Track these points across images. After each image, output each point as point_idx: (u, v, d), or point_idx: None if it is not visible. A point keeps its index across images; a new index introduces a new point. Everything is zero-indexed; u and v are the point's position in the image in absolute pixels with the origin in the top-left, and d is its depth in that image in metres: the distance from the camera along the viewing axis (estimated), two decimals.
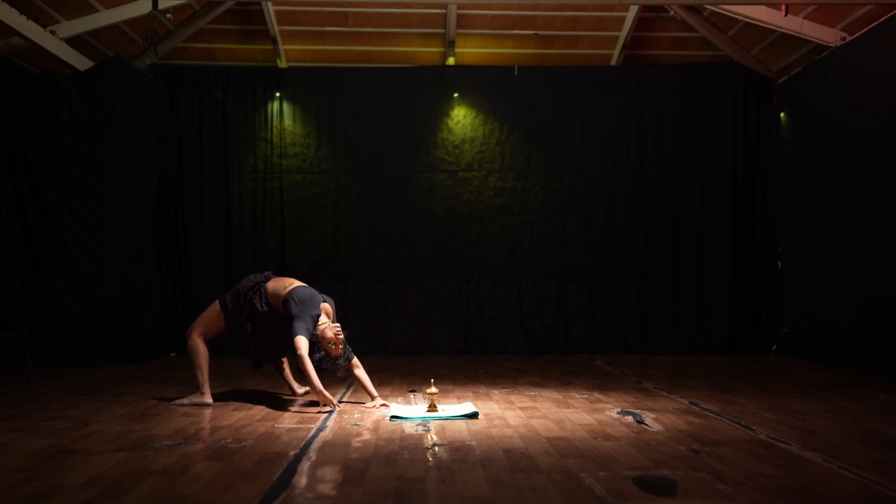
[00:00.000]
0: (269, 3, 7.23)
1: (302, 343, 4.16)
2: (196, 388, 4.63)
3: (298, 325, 4.21)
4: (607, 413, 4.25)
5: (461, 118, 8.13)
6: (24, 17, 6.20)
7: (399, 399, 4.80)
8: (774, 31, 7.16)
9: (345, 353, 4.40)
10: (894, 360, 5.68)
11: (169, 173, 7.94)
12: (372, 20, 7.63)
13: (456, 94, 8.13)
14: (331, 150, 8.10)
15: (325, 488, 2.70)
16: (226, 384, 5.46)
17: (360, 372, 4.61)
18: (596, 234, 8.06)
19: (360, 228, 8.04)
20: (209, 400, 4.57)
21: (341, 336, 4.32)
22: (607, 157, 8.12)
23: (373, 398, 4.52)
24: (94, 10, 6.72)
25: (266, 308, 4.49)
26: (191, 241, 7.92)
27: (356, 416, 4.19)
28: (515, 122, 8.12)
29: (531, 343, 7.93)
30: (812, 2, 6.23)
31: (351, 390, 5.22)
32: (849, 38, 6.66)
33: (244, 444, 3.45)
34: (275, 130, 8.08)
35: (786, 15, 6.56)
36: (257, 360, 4.86)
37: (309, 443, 3.46)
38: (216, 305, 4.69)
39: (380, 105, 8.12)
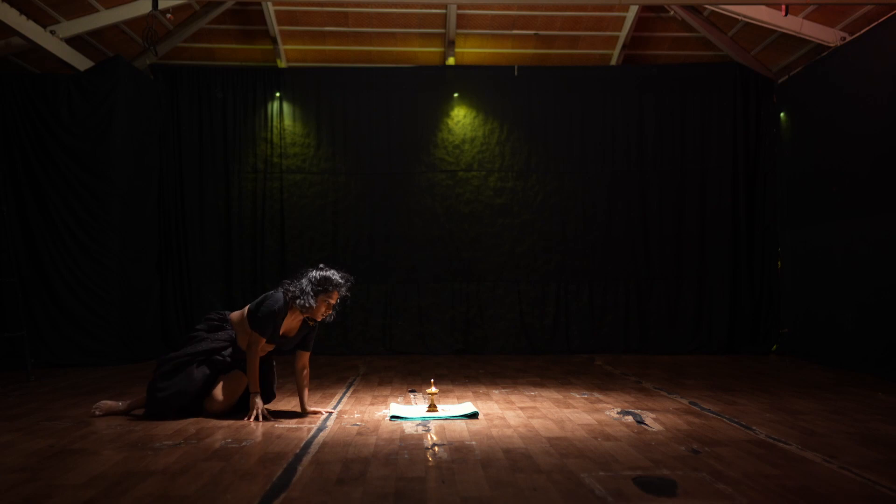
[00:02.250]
0: (269, 3, 7.23)
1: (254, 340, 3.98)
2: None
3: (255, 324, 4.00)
4: (607, 413, 4.25)
5: (461, 118, 8.13)
6: (24, 17, 6.20)
7: (399, 399, 4.80)
8: (774, 31, 7.16)
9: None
10: (894, 360, 5.68)
11: (169, 173, 7.94)
12: (372, 20, 7.63)
13: (456, 94, 8.14)
14: (331, 150, 8.10)
15: (325, 488, 2.70)
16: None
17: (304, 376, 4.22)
18: (596, 234, 8.06)
19: (360, 228, 8.04)
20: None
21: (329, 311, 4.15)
22: (607, 157, 8.13)
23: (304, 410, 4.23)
24: (94, 10, 6.72)
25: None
26: (191, 241, 7.92)
27: (356, 416, 4.19)
28: (515, 122, 8.12)
29: (531, 343, 7.93)
30: (812, 2, 6.23)
31: (351, 390, 5.22)
32: (849, 38, 6.66)
33: (244, 444, 3.45)
34: (275, 130, 8.08)
35: (786, 15, 6.57)
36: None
37: (309, 443, 3.46)
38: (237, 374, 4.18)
39: (380, 105, 8.13)
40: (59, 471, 2.94)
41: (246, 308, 4.22)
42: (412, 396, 4.93)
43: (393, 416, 4.09)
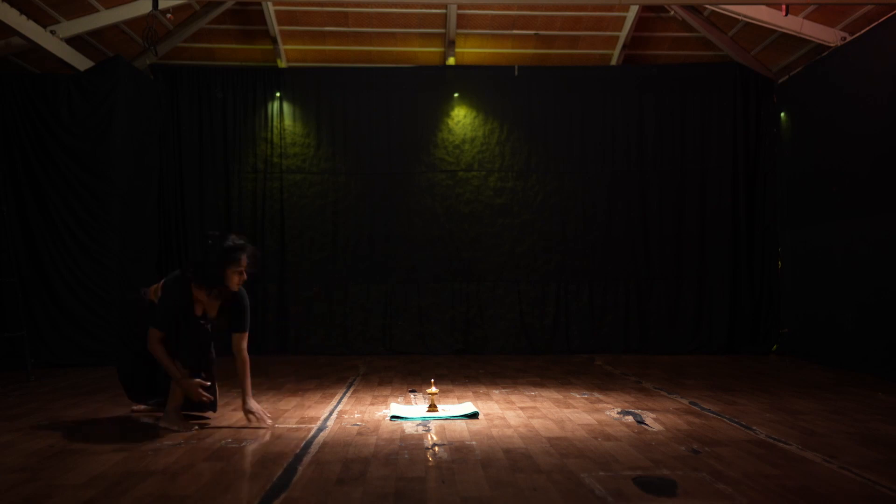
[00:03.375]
0: (269, 3, 7.23)
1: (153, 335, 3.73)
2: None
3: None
4: (607, 413, 4.25)
5: (461, 118, 8.13)
6: (24, 17, 6.20)
7: (399, 399, 4.80)
8: (774, 31, 7.16)
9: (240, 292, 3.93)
10: (894, 360, 5.68)
11: (169, 173, 7.94)
12: (372, 20, 7.63)
13: (456, 94, 8.13)
14: (331, 150, 8.10)
15: (325, 488, 2.70)
16: (225, 384, 5.45)
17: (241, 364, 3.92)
18: (596, 234, 8.05)
19: (360, 228, 8.04)
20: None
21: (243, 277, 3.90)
22: (607, 156, 8.12)
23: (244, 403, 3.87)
24: (94, 10, 6.72)
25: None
26: (191, 241, 7.92)
27: (356, 416, 4.20)
28: (515, 122, 8.12)
29: (531, 343, 7.93)
30: (812, 2, 6.23)
31: (351, 390, 5.22)
32: (849, 38, 6.66)
33: (244, 444, 3.45)
34: (275, 130, 8.08)
35: (786, 15, 6.56)
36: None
37: (309, 443, 3.46)
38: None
39: (380, 105, 8.12)
40: (59, 471, 2.94)
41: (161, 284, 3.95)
42: (412, 396, 4.93)
43: (393, 416, 4.09)
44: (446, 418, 4.04)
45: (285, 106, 8.09)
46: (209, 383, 3.85)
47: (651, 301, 8.01)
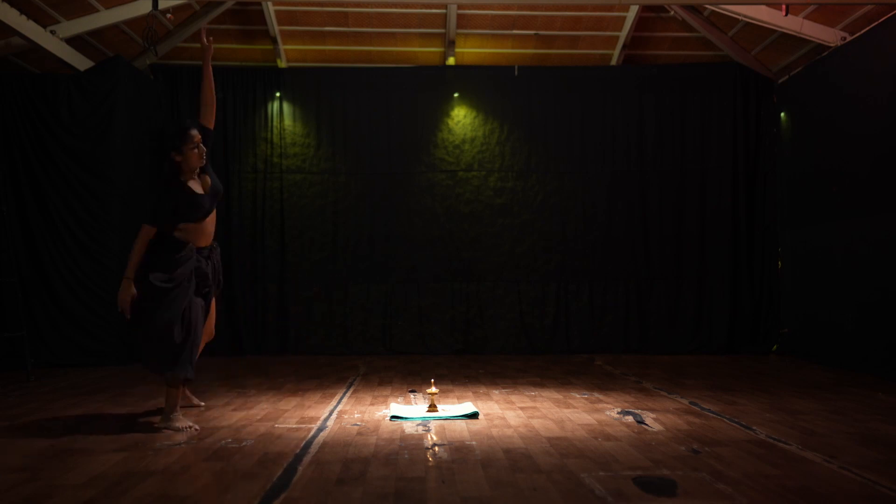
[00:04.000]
0: (269, 3, 7.23)
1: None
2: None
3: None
4: (607, 413, 4.25)
5: (461, 118, 8.13)
6: (24, 17, 6.20)
7: (399, 399, 4.80)
8: (774, 31, 7.16)
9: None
10: (894, 360, 5.69)
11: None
12: (372, 20, 7.64)
13: (456, 94, 8.13)
14: (331, 150, 8.10)
15: (325, 488, 2.71)
16: (225, 384, 5.46)
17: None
18: (596, 234, 8.05)
19: (360, 228, 8.03)
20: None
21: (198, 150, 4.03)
22: (607, 157, 8.12)
23: None
24: (94, 10, 6.72)
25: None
26: None
27: (356, 416, 4.20)
28: (515, 122, 8.12)
29: (531, 343, 7.93)
30: (812, 2, 6.23)
31: (351, 390, 5.22)
32: (849, 38, 6.66)
33: (244, 444, 3.45)
34: (275, 130, 8.08)
35: (786, 15, 6.56)
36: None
37: (309, 443, 3.46)
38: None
39: (380, 105, 8.12)
40: (59, 471, 2.94)
41: None
42: (412, 396, 4.94)
43: (393, 416, 4.09)
44: (446, 418, 4.04)
45: (285, 106, 8.09)
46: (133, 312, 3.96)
47: (651, 301, 8.01)
